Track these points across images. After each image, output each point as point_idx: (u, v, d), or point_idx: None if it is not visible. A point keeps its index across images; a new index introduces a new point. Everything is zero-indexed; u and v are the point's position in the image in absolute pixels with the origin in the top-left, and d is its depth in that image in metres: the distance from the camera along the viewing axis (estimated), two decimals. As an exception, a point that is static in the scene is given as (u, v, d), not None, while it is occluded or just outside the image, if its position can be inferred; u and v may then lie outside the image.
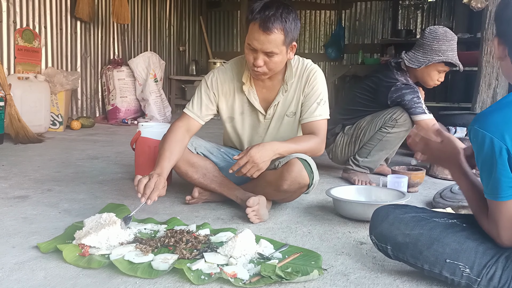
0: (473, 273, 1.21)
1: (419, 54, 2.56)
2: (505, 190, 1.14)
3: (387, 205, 1.45)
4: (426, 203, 2.29)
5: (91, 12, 5.11)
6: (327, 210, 2.10)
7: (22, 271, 1.37)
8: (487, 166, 1.16)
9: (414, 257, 1.30)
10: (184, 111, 2.03)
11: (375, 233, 1.39)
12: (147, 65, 5.45)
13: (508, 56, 1.20)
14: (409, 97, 2.51)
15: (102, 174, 2.73)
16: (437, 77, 2.59)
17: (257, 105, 2.03)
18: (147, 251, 1.47)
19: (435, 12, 7.07)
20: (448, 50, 2.51)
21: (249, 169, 1.75)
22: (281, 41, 1.78)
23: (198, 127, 2.03)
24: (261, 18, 1.75)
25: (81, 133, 4.51)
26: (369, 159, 2.64)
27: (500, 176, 1.14)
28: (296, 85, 2.01)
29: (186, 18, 7.31)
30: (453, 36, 2.55)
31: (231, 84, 2.03)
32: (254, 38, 1.78)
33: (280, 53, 1.81)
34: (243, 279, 1.32)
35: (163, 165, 1.80)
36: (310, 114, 1.98)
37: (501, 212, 1.16)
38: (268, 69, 1.85)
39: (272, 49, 1.78)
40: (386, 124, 2.55)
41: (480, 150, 1.16)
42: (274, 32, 1.75)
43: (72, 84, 4.67)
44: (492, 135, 1.13)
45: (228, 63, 2.09)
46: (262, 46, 1.78)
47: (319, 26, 7.67)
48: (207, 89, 2.03)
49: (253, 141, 2.11)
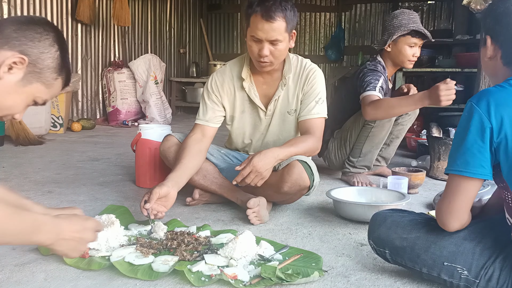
0: (471, 275, 1.20)
1: (384, 36, 2.60)
2: (476, 166, 1.13)
3: (385, 210, 1.45)
4: (426, 204, 2.29)
5: (92, 14, 5.12)
6: (328, 211, 2.10)
7: (22, 273, 1.37)
8: (460, 135, 1.16)
9: (412, 261, 1.30)
10: (195, 122, 2.06)
11: (373, 238, 1.39)
12: (148, 67, 5.46)
13: (501, 59, 1.20)
14: (368, 78, 2.47)
15: (102, 176, 2.73)
16: (410, 52, 2.55)
17: (257, 101, 2.05)
18: (147, 253, 1.47)
19: (435, 13, 7.07)
20: (409, 22, 2.52)
21: (253, 178, 1.76)
22: (283, 28, 1.84)
23: (212, 130, 2.04)
24: (262, 9, 1.81)
25: (81, 135, 4.51)
26: (363, 157, 2.64)
27: (476, 151, 1.13)
28: (296, 83, 2.03)
29: (186, 20, 7.32)
30: (412, 12, 2.58)
31: (230, 83, 2.06)
32: (258, 29, 1.83)
33: (283, 40, 1.86)
34: (243, 281, 1.32)
35: (168, 177, 1.80)
36: (308, 112, 2.00)
37: (462, 189, 1.16)
38: (274, 57, 1.90)
39: (277, 36, 1.83)
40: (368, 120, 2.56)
41: (462, 120, 1.16)
42: (277, 20, 1.81)
43: (73, 86, 4.68)
44: (480, 111, 1.12)
45: (227, 64, 2.13)
46: (267, 35, 1.83)
47: (319, 28, 7.67)
48: (209, 94, 2.07)
49: (254, 140, 2.13)
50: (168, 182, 1.75)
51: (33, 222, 1.04)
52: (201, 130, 2.02)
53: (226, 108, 2.08)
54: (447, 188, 1.20)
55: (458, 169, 1.16)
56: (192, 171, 1.90)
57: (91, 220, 1.21)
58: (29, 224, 1.03)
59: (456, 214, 1.18)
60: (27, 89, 1.11)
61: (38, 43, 1.11)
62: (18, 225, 1.01)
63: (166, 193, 1.71)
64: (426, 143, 3.25)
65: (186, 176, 1.85)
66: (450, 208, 1.18)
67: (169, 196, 1.73)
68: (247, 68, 2.03)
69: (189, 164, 1.87)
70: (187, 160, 1.87)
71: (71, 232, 1.12)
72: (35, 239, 1.06)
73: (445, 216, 1.20)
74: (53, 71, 1.14)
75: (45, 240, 1.07)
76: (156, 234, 1.64)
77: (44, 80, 1.13)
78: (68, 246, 1.12)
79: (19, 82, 1.10)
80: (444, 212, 1.20)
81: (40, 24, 1.13)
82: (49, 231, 1.07)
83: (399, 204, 1.94)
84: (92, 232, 1.19)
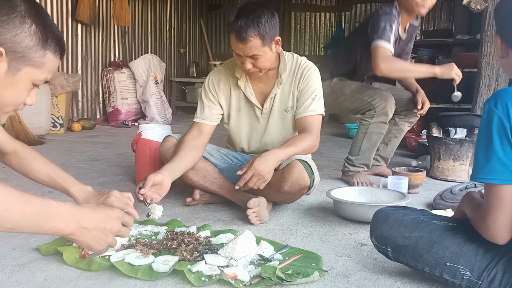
0: (474, 276, 1.20)
1: None
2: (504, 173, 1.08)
3: (387, 207, 1.45)
4: (426, 204, 2.29)
5: (92, 14, 5.12)
6: (328, 211, 2.10)
7: (22, 273, 1.37)
8: (484, 140, 1.11)
9: (414, 260, 1.29)
10: (193, 121, 2.08)
11: (375, 235, 1.38)
12: (148, 67, 5.46)
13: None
14: (382, 24, 2.40)
15: (102, 176, 2.73)
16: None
17: (253, 99, 2.06)
18: (147, 253, 1.47)
19: (435, 13, 7.06)
20: None
21: (255, 182, 1.77)
22: (259, 44, 1.84)
23: (209, 128, 2.06)
24: (234, 29, 1.83)
25: (81, 135, 4.51)
26: (361, 155, 2.64)
27: (502, 156, 1.08)
28: (292, 81, 2.04)
29: (186, 20, 7.32)
30: None
31: (226, 81, 2.08)
32: (234, 47, 1.88)
33: (263, 53, 1.87)
34: (243, 281, 1.32)
35: (163, 167, 1.84)
36: (305, 109, 2.00)
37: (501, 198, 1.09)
38: (258, 68, 1.92)
39: (254, 52, 1.85)
40: (365, 115, 2.55)
41: (483, 123, 1.13)
42: (250, 40, 1.82)
43: (73, 86, 4.68)
44: (499, 112, 1.09)
45: (222, 64, 2.15)
46: (244, 52, 1.86)
47: (319, 28, 7.67)
48: (205, 92, 2.09)
49: (252, 139, 2.13)
50: (163, 171, 1.79)
51: (43, 208, 0.94)
52: (198, 127, 2.04)
53: (223, 106, 2.10)
54: (489, 200, 1.13)
55: (492, 178, 1.11)
56: (187, 164, 1.92)
57: (117, 210, 1.12)
58: (36, 210, 0.93)
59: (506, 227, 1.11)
60: (19, 77, 1.01)
61: (8, 26, 0.97)
62: (23, 211, 0.91)
63: (160, 180, 1.74)
64: (426, 143, 3.25)
65: (181, 168, 1.88)
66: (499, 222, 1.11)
67: (163, 185, 1.75)
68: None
69: (185, 157, 1.90)
70: (183, 153, 1.90)
71: (95, 221, 1.03)
72: (50, 226, 0.95)
73: (495, 233, 1.13)
74: (37, 49, 1.01)
75: (63, 229, 0.98)
76: (153, 215, 1.67)
77: (31, 62, 1.02)
78: (92, 236, 1.03)
79: (7, 74, 1.00)
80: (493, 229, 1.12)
81: (3, 3, 0.98)
82: (68, 218, 0.98)
83: (399, 204, 1.94)
84: (118, 223, 1.09)
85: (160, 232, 1.69)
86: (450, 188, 2.28)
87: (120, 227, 1.10)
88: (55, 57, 1.06)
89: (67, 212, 0.99)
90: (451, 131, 3.00)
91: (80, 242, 1.03)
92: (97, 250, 1.07)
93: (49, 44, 1.03)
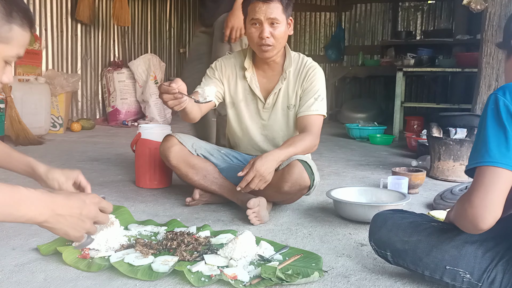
0: (474, 278, 1.20)
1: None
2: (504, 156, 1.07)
3: (385, 211, 1.44)
4: (426, 204, 2.28)
5: (92, 14, 5.13)
6: (328, 211, 2.10)
7: (22, 273, 1.37)
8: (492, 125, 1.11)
9: (414, 264, 1.29)
10: (194, 91, 1.97)
11: (374, 240, 1.38)
12: (148, 67, 5.46)
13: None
14: None
15: (102, 176, 2.73)
16: None
17: (257, 92, 2.09)
18: (147, 253, 1.47)
19: (435, 13, 7.07)
20: None
21: (257, 183, 1.78)
22: (281, 9, 1.93)
23: (209, 105, 1.99)
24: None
25: (81, 135, 4.51)
26: None
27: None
28: (296, 79, 2.06)
29: (186, 20, 7.32)
30: None
31: (233, 69, 2.12)
32: (256, 12, 1.93)
33: (282, 22, 1.94)
34: (243, 281, 1.31)
35: None
36: (307, 108, 2.02)
37: (497, 181, 1.07)
38: (274, 39, 1.95)
39: (275, 15, 1.92)
40: None
41: (489, 111, 1.13)
42: (273, 1, 1.92)
43: (73, 86, 4.68)
44: (505, 99, 1.11)
45: (232, 53, 2.22)
46: (266, 14, 1.91)
47: (319, 28, 7.68)
48: (212, 71, 2.13)
49: (252, 134, 2.14)
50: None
51: (11, 195, 0.89)
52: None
53: (225, 90, 2.12)
54: (479, 181, 1.09)
55: (494, 161, 1.08)
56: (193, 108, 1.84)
57: (93, 195, 1.06)
58: (3, 197, 0.88)
59: (493, 208, 1.08)
60: None
61: None
62: None
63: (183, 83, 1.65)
64: (426, 143, 3.24)
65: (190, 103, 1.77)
66: (485, 201, 1.08)
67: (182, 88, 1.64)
68: (250, 59, 2.09)
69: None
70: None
71: (70, 207, 0.98)
72: (20, 214, 0.90)
73: (480, 211, 1.08)
74: (1, 24, 0.97)
75: (36, 216, 0.93)
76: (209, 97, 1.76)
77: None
78: (68, 223, 0.97)
79: None
80: (477, 206, 1.09)
81: None
82: (40, 205, 0.93)
83: (399, 204, 1.94)
84: (95, 208, 1.04)
85: (160, 232, 1.69)
86: (450, 188, 2.28)
87: (97, 212, 1.04)
88: (23, 30, 1.01)
89: (39, 199, 0.94)
90: (451, 131, 2.99)
91: (56, 230, 0.98)
92: (74, 238, 1.02)
93: (14, 17, 0.99)
